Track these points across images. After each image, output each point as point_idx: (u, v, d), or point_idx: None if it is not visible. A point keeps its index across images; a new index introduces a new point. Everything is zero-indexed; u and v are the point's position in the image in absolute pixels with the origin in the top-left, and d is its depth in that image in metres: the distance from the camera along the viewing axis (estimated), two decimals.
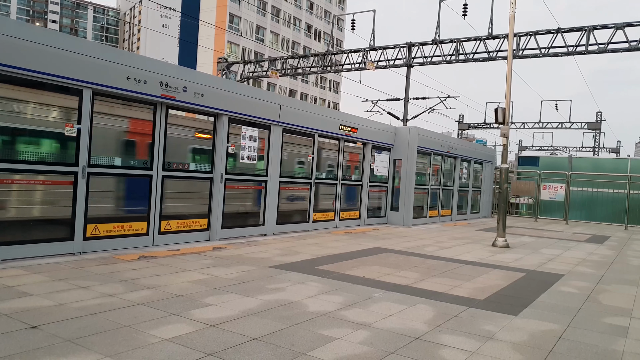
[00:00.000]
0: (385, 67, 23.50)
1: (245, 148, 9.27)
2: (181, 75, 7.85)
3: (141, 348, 3.42)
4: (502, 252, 9.46)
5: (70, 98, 6.50)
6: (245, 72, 29.40)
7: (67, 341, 3.46)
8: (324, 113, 11.66)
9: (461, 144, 17.55)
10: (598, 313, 5.13)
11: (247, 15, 56.15)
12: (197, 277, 5.70)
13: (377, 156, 13.55)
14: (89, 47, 6.65)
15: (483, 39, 20.85)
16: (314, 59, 26.37)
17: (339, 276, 6.22)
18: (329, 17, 67.69)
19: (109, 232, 7.08)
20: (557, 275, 7.20)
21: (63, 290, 4.76)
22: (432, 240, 10.63)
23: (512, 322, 4.62)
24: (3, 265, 5.64)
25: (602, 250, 10.62)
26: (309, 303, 4.85)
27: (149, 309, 4.33)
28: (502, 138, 10.50)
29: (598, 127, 37.88)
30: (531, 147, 51.31)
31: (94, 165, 6.82)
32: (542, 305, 5.35)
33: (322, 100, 67.94)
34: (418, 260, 7.82)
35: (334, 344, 3.73)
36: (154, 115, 7.63)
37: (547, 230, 14.72)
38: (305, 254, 7.82)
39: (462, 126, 41.92)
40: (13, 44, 5.76)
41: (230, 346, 3.56)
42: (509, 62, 10.56)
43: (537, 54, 19.79)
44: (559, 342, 4.09)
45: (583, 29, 18.88)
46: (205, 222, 8.63)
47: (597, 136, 39.79)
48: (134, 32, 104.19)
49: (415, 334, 4.08)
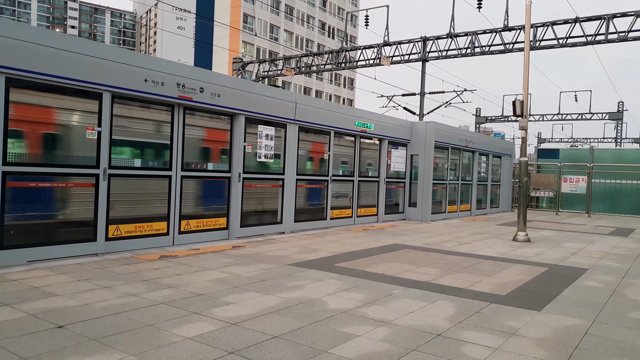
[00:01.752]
0: (400, 62, 23.31)
1: (262, 147, 9.31)
2: (197, 76, 7.92)
3: (164, 347, 3.47)
4: (523, 246, 9.33)
5: (90, 102, 6.61)
6: (260, 72, 29.50)
7: (92, 340, 3.53)
8: (339, 110, 11.64)
9: (479, 138, 17.33)
10: (625, 308, 5.02)
11: (261, 15, 56.32)
12: (217, 275, 5.75)
13: (394, 152, 13.47)
14: (107, 51, 6.75)
15: (499, 31, 20.53)
16: (328, 56, 26.31)
17: (358, 273, 6.21)
18: (342, 14, 67.48)
19: (130, 232, 7.18)
20: (581, 270, 7.06)
21: (87, 291, 4.85)
22: (451, 236, 10.53)
23: (535, 317, 4.55)
24: (29, 267, 5.77)
25: (627, 243, 10.39)
26: (328, 300, 4.85)
27: (170, 308, 4.38)
28: (520, 131, 10.34)
29: (620, 118, 37.01)
30: (551, 139, 50.41)
31: (115, 167, 6.93)
32: (566, 300, 5.25)
33: (337, 97, 67.81)
34: (438, 256, 7.76)
35: (354, 342, 3.72)
36: (172, 116, 7.71)
37: (569, 224, 14.46)
38: (323, 251, 7.82)
39: (480, 119, 41.39)
40: (34, 50, 5.88)
41: (252, 344, 3.58)
42: (526, 53, 10.38)
43: (555, 44, 19.40)
44: (585, 338, 4.02)
45: (602, 17, 18.44)
46: (224, 221, 8.70)
47: (619, 127, 38.88)
48: (151, 35, 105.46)
49: (437, 331, 4.05)
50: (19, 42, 5.74)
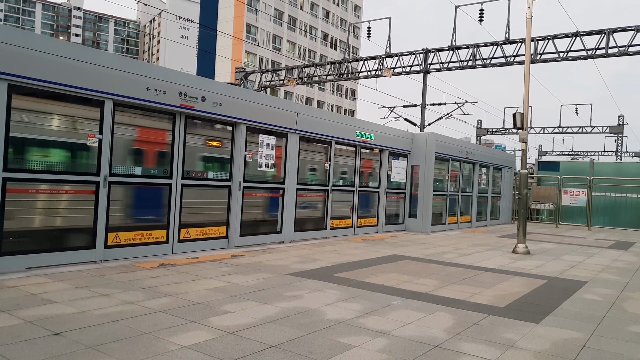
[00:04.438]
0: (402, 73, 23.45)
1: (262, 156, 9.34)
2: (199, 85, 7.97)
3: (161, 355, 3.46)
4: (523, 258, 9.31)
5: (92, 109, 6.65)
6: (263, 81, 29.66)
7: (89, 348, 3.52)
8: (340, 120, 11.69)
9: (479, 150, 17.37)
10: (623, 321, 5.00)
11: (264, 25, 56.75)
12: (215, 284, 5.74)
13: (394, 162, 13.50)
14: (109, 59, 6.80)
15: (500, 43, 20.66)
16: (331, 67, 26.47)
17: (357, 284, 6.19)
18: (344, 25, 67.95)
19: (129, 240, 7.19)
20: (580, 282, 7.05)
21: (85, 298, 4.84)
22: (451, 247, 10.52)
23: (533, 330, 4.53)
24: (27, 274, 5.77)
25: (626, 256, 10.37)
26: (327, 311, 4.84)
27: (168, 317, 4.37)
28: (521, 143, 10.37)
29: (620, 131, 37.12)
30: (551, 152, 50.52)
31: (115, 174, 6.95)
32: (565, 313, 5.24)
33: (339, 107, 68.06)
34: (437, 268, 7.74)
35: (352, 352, 3.71)
36: (173, 124, 7.75)
37: (569, 237, 14.43)
38: (323, 261, 7.81)
39: (481, 131, 41.51)
40: (37, 57, 5.93)
41: (249, 354, 3.57)
42: (527, 66, 10.45)
43: (556, 57, 19.51)
44: (583, 351, 4.00)
45: (602, 32, 18.57)
46: (223, 229, 8.70)
47: (620, 140, 38.98)
48: (154, 44, 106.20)
49: (435, 342, 4.04)
50: (22, 49, 5.79)
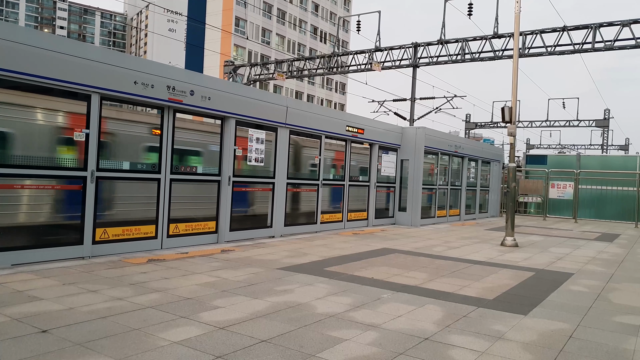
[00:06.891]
0: (391, 67, 23.45)
1: (252, 150, 9.30)
2: (188, 78, 7.90)
3: (150, 351, 3.44)
4: (511, 251, 9.40)
5: (79, 103, 6.56)
6: (252, 75, 29.47)
7: (77, 345, 3.49)
8: (330, 114, 11.67)
9: (468, 144, 17.47)
10: (609, 312, 5.08)
11: (253, 19, 56.34)
12: (205, 279, 5.72)
13: (384, 157, 13.53)
14: (96, 52, 6.70)
15: (489, 38, 20.74)
16: (320, 60, 26.39)
17: (347, 277, 6.21)
18: (334, 18, 67.72)
19: (117, 235, 7.12)
20: (567, 274, 7.14)
21: (73, 294, 4.80)
22: (440, 241, 10.59)
23: (521, 321, 4.59)
24: (13, 270, 5.69)
25: (612, 248, 10.52)
26: (317, 305, 4.85)
27: (158, 312, 4.35)
28: (509, 137, 10.45)
29: (606, 125, 37.52)
30: (539, 145, 51.01)
31: (103, 169, 6.87)
32: (552, 304, 5.31)
33: (329, 101, 67.95)
34: (426, 261, 7.79)
35: (342, 345, 3.73)
36: (162, 119, 7.67)
37: (556, 229, 14.60)
38: (313, 255, 7.82)
39: (469, 125, 41.71)
40: (21, 50, 5.82)
41: (239, 348, 3.57)
42: (515, 60, 10.51)
43: (544, 52, 19.64)
44: (570, 342, 4.06)
45: (589, 26, 18.72)
46: (213, 224, 8.66)
47: (605, 134, 39.42)
48: (141, 37, 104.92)
49: (425, 335, 4.07)
50: (4, 42, 5.68)
